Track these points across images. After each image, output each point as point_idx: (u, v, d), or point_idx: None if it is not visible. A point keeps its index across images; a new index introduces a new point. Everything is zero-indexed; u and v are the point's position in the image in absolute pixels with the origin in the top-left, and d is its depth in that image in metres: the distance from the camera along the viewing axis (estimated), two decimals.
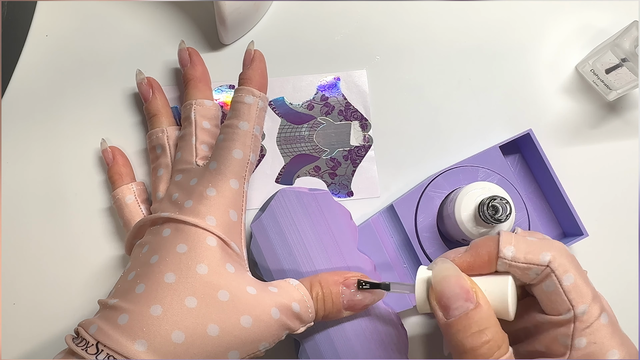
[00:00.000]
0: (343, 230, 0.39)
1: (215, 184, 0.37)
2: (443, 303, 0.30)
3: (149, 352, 0.31)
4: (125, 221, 0.41)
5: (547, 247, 0.31)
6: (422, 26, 0.46)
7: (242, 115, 0.38)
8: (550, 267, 0.30)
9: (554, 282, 0.30)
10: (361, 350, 0.38)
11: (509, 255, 0.31)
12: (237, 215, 0.37)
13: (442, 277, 0.30)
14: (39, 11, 0.45)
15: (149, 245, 0.36)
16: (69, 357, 0.32)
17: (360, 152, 0.44)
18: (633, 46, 0.41)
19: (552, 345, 0.31)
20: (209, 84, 0.43)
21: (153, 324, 0.32)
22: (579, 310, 0.30)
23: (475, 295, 0.30)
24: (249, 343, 0.34)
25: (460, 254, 0.33)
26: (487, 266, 0.32)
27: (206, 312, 0.33)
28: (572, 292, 0.30)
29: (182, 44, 0.43)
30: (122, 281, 0.35)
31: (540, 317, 0.32)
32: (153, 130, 0.42)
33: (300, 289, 0.36)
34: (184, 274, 0.34)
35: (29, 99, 0.44)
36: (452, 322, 0.29)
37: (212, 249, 0.35)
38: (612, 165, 0.45)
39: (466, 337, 0.29)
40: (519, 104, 0.46)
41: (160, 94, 0.43)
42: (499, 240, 0.32)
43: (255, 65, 0.40)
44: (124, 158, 0.43)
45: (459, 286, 0.30)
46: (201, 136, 0.40)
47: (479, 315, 0.29)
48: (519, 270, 0.31)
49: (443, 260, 0.32)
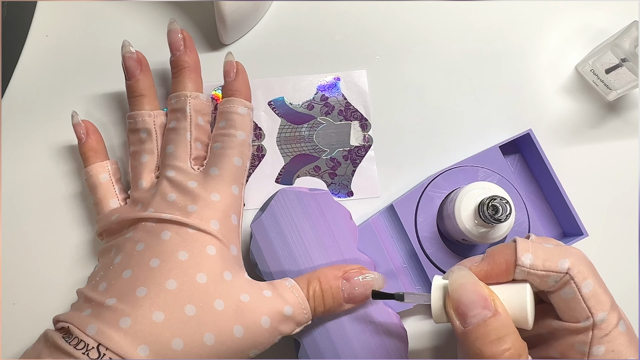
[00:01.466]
0: (343, 230, 0.39)
1: (218, 189, 0.37)
2: (460, 311, 0.30)
3: (150, 358, 0.31)
4: (97, 200, 0.40)
5: (565, 254, 0.30)
6: (422, 26, 0.46)
7: (237, 125, 0.39)
8: (569, 274, 0.30)
9: (573, 289, 0.30)
10: (361, 350, 0.38)
11: (528, 263, 0.30)
12: (237, 219, 0.38)
13: (459, 285, 0.30)
14: (39, 11, 0.45)
15: (146, 245, 0.35)
16: (57, 354, 0.31)
17: (360, 152, 0.44)
18: (633, 46, 0.41)
19: (567, 352, 0.30)
20: (201, 75, 0.41)
21: (155, 330, 0.32)
22: (598, 318, 0.29)
23: (493, 302, 0.29)
24: (240, 351, 0.34)
25: (476, 262, 0.32)
26: (504, 274, 0.31)
27: (204, 321, 0.33)
28: (592, 300, 0.30)
29: (174, 24, 0.40)
30: (114, 276, 0.35)
31: (556, 323, 0.31)
32: (138, 112, 0.40)
33: (295, 290, 0.36)
34: (185, 282, 0.34)
35: (29, 99, 0.44)
36: (470, 329, 0.29)
37: (211, 258, 0.35)
38: (612, 165, 0.45)
39: (485, 344, 0.28)
40: (519, 104, 0.46)
41: (148, 73, 0.41)
42: (516, 248, 0.31)
43: (240, 77, 0.40)
44: (97, 134, 0.41)
45: (476, 293, 0.29)
46: (196, 133, 0.39)
47: (498, 322, 0.29)
48: (538, 278, 0.31)
49: (459, 267, 0.31)
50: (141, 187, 0.39)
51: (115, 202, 0.40)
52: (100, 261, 0.38)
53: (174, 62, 0.41)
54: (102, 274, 0.36)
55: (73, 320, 0.33)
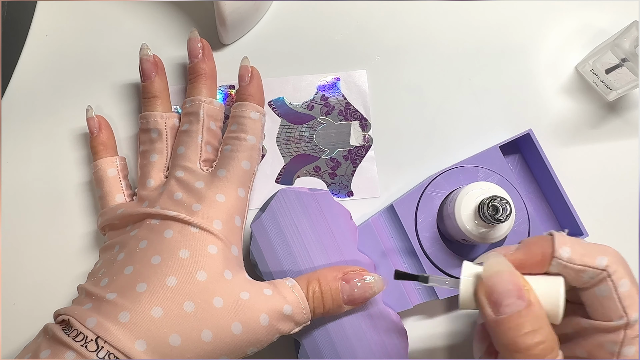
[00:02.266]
0: (343, 230, 0.39)
1: (224, 191, 0.37)
2: (494, 299, 0.29)
3: (148, 353, 0.32)
4: (103, 193, 0.40)
5: (603, 251, 0.30)
6: (422, 26, 0.46)
7: (248, 129, 0.40)
8: (607, 271, 0.30)
9: (609, 287, 0.30)
10: (361, 351, 0.38)
11: (565, 256, 0.30)
12: (241, 221, 0.38)
13: (495, 272, 0.29)
14: (39, 11, 0.45)
15: (148, 242, 0.36)
16: (55, 346, 0.32)
17: (360, 152, 0.44)
18: (633, 46, 0.41)
19: (596, 352, 0.30)
20: (216, 82, 0.43)
21: (154, 325, 0.32)
22: (633, 318, 0.29)
23: (528, 293, 0.29)
24: (238, 349, 0.34)
25: (511, 251, 0.32)
26: (539, 266, 0.31)
27: (202, 318, 0.33)
28: (627, 299, 0.29)
29: (194, 33, 0.42)
30: (116, 272, 0.35)
31: (585, 322, 0.31)
32: (151, 113, 0.41)
33: (295, 290, 0.36)
34: (184, 279, 0.34)
35: (29, 99, 0.44)
36: (503, 319, 0.28)
37: (212, 256, 0.35)
38: (612, 165, 0.45)
39: (519, 335, 0.28)
40: (519, 104, 0.46)
41: (163, 76, 0.42)
42: (553, 240, 0.31)
43: (255, 82, 0.41)
44: (109, 130, 0.42)
45: (512, 282, 0.29)
46: (207, 137, 0.40)
47: (533, 314, 0.28)
48: (573, 272, 0.30)
49: (496, 254, 0.31)
50: (149, 185, 0.39)
51: (121, 197, 0.40)
52: (102, 257, 0.38)
53: (191, 69, 0.42)
54: (104, 271, 0.36)
55: (73, 313, 0.33)
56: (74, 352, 0.31)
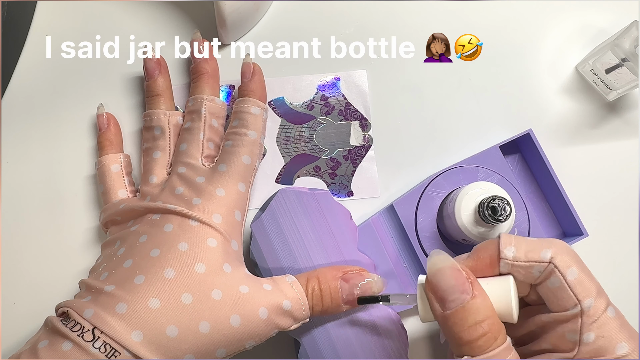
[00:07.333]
0: (343, 230, 0.39)
1: (224, 185, 0.38)
2: (439, 295, 0.30)
3: (144, 343, 0.32)
4: (106, 189, 0.41)
5: (547, 245, 0.31)
6: (422, 26, 0.46)
7: (249, 124, 0.40)
8: (552, 263, 0.30)
9: (558, 277, 0.30)
10: (361, 351, 0.38)
11: (510, 256, 0.31)
12: (241, 215, 0.39)
13: (437, 270, 0.30)
14: (39, 11, 0.45)
15: (148, 237, 0.36)
16: (53, 337, 0.32)
17: (360, 152, 0.44)
18: (633, 46, 0.41)
19: (559, 343, 0.31)
20: (219, 82, 0.43)
21: (151, 316, 0.33)
22: (586, 305, 0.29)
23: (471, 285, 0.30)
24: (236, 342, 0.34)
25: (462, 259, 0.32)
26: (489, 269, 0.32)
27: (200, 309, 0.33)
28: (577, 287, 0.30)
29: (197, 34, 0.42)
30: (115, 266, 0.36)
31: (546, 316, 0.31)
32: (154, 111, 0.42)
33: (295, 286, 0.36)
34: (183, 271, 0.34)
35: (29, 99, 0.44)
36: (449, 314, 0.29)
37: (211, 249, 0.35)
38: (612, 165, 0.45)
39: (463, 330, 0.29)
40: (519, 104, 0.46)
41: (166, 75, 0.43)
42: (499, 243, 0.32)
43: (256, 79, 0.42)
44: (117, 128, 0.43)
45: (454, 277, 0.30)
46: (209, 133, 0.40)
47: (475, 306, 0.29)
48: (522, 270, 0.31)
49: (438, 251, 0.31)
50: (152, 182, 0.40)
51: (124, 193, 0.41)
52: (103, 253, 0.39)
53: (194, 69, 0.42)
54: (105, 265, 0.37)
55: (72, 305, 0.33)
56: (71, 342, 0.31)
